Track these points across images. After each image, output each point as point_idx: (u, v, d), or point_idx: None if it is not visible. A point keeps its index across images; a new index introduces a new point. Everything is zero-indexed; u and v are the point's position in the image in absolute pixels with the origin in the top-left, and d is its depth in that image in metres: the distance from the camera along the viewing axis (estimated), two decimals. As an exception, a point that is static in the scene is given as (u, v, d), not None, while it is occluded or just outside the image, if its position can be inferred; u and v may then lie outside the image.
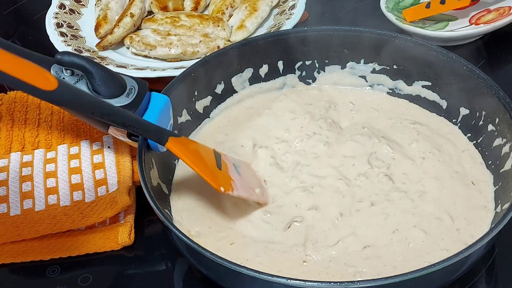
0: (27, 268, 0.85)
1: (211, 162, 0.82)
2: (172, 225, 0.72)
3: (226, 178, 0.82)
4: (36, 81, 0.65)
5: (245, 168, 0.88)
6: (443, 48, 0.92)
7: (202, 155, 0.81)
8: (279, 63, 1.00)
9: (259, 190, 0.85)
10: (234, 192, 0.81)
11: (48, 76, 0.66)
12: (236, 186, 0.82)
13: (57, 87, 0.66)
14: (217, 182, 0.79)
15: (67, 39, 1.14)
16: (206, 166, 0.80)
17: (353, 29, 0.97)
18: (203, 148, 0.84)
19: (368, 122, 0.95)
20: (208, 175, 0.79)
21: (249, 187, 0.84)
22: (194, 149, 0.81)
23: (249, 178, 0.86)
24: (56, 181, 0.92)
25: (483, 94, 0.87)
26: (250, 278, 0.68)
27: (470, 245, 0.69)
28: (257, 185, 0.87)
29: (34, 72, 0.65)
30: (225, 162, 0.84)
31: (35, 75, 0.65)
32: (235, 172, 0.84)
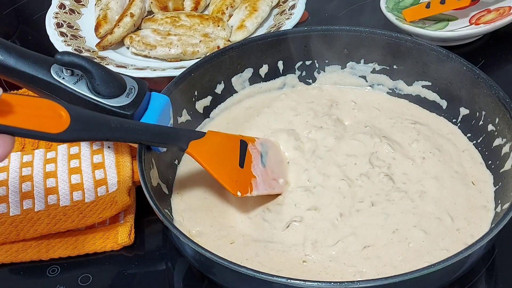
0: (27, 268, 0.85)
1: (233, 160, 0.82)
2: (172, 225, 0.72)
3: (246, 178, 0.83)
4: (47, 124, 0.64)
5: (274, 152, 0.88)
6: (443, 48, 0.92)
7: (224, 155, 0.82)
8: (279, 63, 1.00)
9: (282, 180, 0.86)
10: (253, 192, 0.82)
11: (60, 113, 0.65)
12: (257, 183, 0.83)
13: (69, 125, 0.66)
14: (234, 187, 0.81)
15: (67, 39, 1.14)
16: (224, 170, 0.81)
17: (353, 29, 0.97)
18: (228, 142, 0.84)
19: (370, 121, 0.95)
20: (226, 180, 0.80)
21: (272, 179, 0.85)
22: (215, 151, 0.81)
23: (274, 167, 0.87)
24: (56, 181, 0.92)
25: (483, 94, 0.87)
26: (250, 278, 0.68)
27: (470, 245, 0.69)
28: (282, 173, 0.87)
29: (45, 114, 0.64)
30: (251, 153, 0.85)
31: (47, 117, 0.64)
32: (260, 164, 0.85)
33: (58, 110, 0.66)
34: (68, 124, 0.66)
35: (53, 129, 0.65)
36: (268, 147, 0.89)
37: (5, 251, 0.85)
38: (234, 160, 0.83)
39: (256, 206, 0.84)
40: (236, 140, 0.85)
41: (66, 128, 0.66)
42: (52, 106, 0.65)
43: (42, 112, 0.64)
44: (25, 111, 0.62)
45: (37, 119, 0.63)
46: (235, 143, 0.84)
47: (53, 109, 0.65)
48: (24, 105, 0.62)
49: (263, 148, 0.88)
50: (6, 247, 0.86)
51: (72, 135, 0.67)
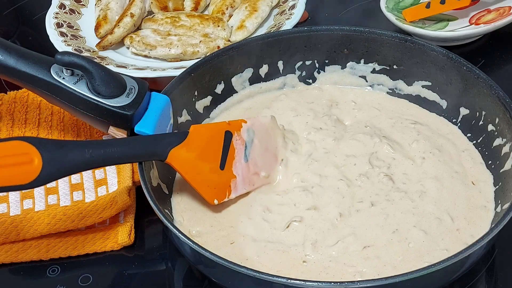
0: (27, 268, 0.85)
1: (214, 163, 0.82)
2: (172, 224, 0.72)
3: (226, 181, 0.83)
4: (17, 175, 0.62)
5: (260, 138, 0.88)
6: (443, 48, 0.92)
7: (205, 160, 0.81)
8: (279, 63, 1.00)
9: (264, 173, 0.86)
10: (232, 195, 0.83)
11: (32, 158, 0.64)
12: (236, 184, 0.83)
13: (40, 171, 0.64)
14: (212, 195, 0.82)
15: (67, 39, 1.14)
16: (204, 179, 0.81)
17: (353, 29, 0.97)
18: (211, 139, 0.83)
19: (370, 121, 0.95)
20: (204, 189, 0.82)
21: (253, 173, 0.86)
22: (195, 156, 0.81)
23: (257, 158, 0.87)
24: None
25: (483, 94, 0.87)
26: (250, 278, 0.68)
27: (470, 245, 0.69)
28: (265, 164, 0.87)
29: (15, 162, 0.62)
30: (235, 147, 0.84)
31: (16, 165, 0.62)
32: (242, 159, 0.85)
33: (30, 154, 0.64)
34: (40, 170, 0.64)
35: (23, 180, 0.64)
36: (255, 132, 0.88)
37: (5, 251, 0.85)
38: (215, 162, 0.83)
39: (256, 206, 0.84)
40: (221, 133, 0.84)
41: (37, 176, 0.64)
42: (23, 149, 0.63)
43: (12, 160, 0.62)
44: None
45: (6, 172, 0.61)
46: (219, 138, 0.84)
47: (23, 153, 0.63)
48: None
49: (248, 135, 0.87)
50: (6, 247, 0.86)
51: (45, 179, 0.66)
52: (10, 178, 0.62)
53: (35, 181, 0.65)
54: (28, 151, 0.64)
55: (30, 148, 0.64)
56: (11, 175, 0.62)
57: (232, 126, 0.85)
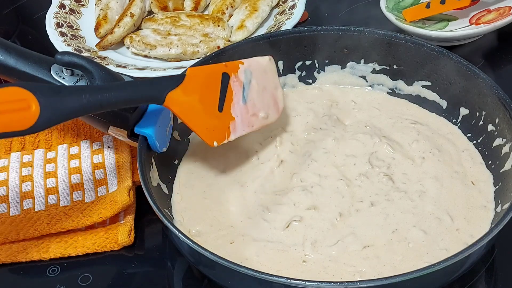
0: (27, 268, 0.85)
1: (212, 106, 0.82)
2: (172, 224, 0.72)
3: (225, 123, 0.84)
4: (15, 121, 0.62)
5: (258, 79, 0.88)
6: (443, 48, 0.92)
7: (203, 102, 0.81)
8: (279, 63, 1.00)
9: (263, 113, 0.87)
10: (231, 137, 0.84)
11: (30, 104, 0.63)
12: (235, 125, 0.84)
13: (38, 117, 0.64)
14: (211, 137, 0.82)
15: (67, 39, 1.14)
16: (202, 121, 0.81)
17: (353, 29, 0.97)
18: (208, 82, 0.82)
19: (370, 120, 0.95)
20: (203, 132, 0.81)
21: (252, 115, 0.86)
22: (193, 99, 0.80)
23: (256, 99, 0.87)
24: (56, 181, 0.92)
25: (483, 94, 0.87)
26: (250, 278, 0.68)
27: (470, 245, 0.69)
28: (263, 104, 0.88)
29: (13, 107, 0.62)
30: (232, 89, 0.84)
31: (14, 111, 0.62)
32: (240, 101, 0.85)
33: (27, 100, 0.63)
34: (37, 115, 0.64)
35: (21, 126, 0.63)
36: (252, 73, 0.88)
37: (5, 251, 0.85)
38: (213, 104, 0.82)
39: (256, 206, 0.84)
40: (218, 75, 0.83)
41: (36, 120, 0.64)
42: (19, 95, 0.63)
43: (10, 106, 0.62)
44: None
45: (3, 118, 0.61)
46: (216, 80, 0.83)
47: (21, 99, 0.63)
48: None
49: (246, 77, 0.87)
50: (6, 247, 0.86)
51: (43, 125, 0.65)
52: (7, 124, 0.62)
53: (33, 127, 0.64)
54: (25, 97, 0.63)
55: (27, 94, 0.63)
56: (8, 121, 0.62)
57: (229, 68, 0.85)
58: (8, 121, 0.62)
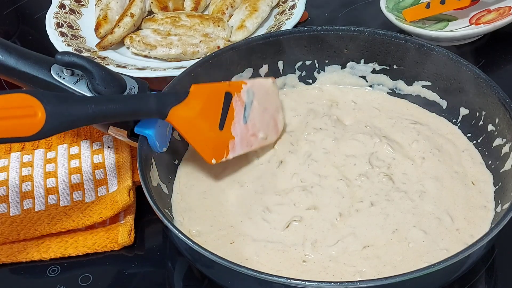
0: (27, 268, 0.85)
1: (213, 123, 0.83)
2: (172, 224, 0.72)
3: (224, 141, 0.85)
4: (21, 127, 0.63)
5: (260, 99, 0.89)
6: (443, 48, 0.92)
7: (204, 119, 0.82)
8: (279, 63, 1.00)
9: (262, 134, 0.88)
10: (230, 155, 0.85)
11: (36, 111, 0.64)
12: (234, 145, 0.85)
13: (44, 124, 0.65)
14: (210, 155, 0.84)
15: (67, 39, 1.14)
16: (202, 138, 0.83)
17: (353, 29, 0.97)
18: (211, 99, 0.84)
19: (370, 120, 0.95)
20: (203, 148, 0.83)
21: (251, 135, 0.87)
22: (195, 115, 0.81)
23: (256, 119, 0.88)
24: (56, 181, 0.92)
25: (483, 94, 0.87)
26: (250, 278, 0.68)
27: (470, 245, 0.69)
28: (263, 125, 0.89)
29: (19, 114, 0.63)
30: (234, 108, 0.85)
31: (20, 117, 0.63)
32: (241, 120, 0.86)
33: (34, 107, 0.64)
34: (43, 122, 0.65)
35: (27, 131, 0.64)
36: (255, 93, 0.89)
37: (5, 251, 0.85)
38: (214, 122, 0.84)
39: (256, 206, 0.84)
40: (221, 94, 0.85)
41: (41, 127, 0.65)
42: (26, 102, 0.64)
43: (15, 113, 0.63)
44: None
45: (9, 124, 0.62)
46: (219, 98, 0.84)
47: (27, 106, 0.64)
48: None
49: (248, 97, 0.88)
50: (6, 247, 0.86)
51: (48, 132, 0.66)
52: (13, 130, 0.63)
53: (38, 133, 0.65)
54: (31, 104, 0.64)
55: (33, 101, 0.64)
56: (14, 126, 0.63)
57: (232, 87, 0.86)
58: (14, 127, 0.63)
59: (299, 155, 0.91)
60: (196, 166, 0.90)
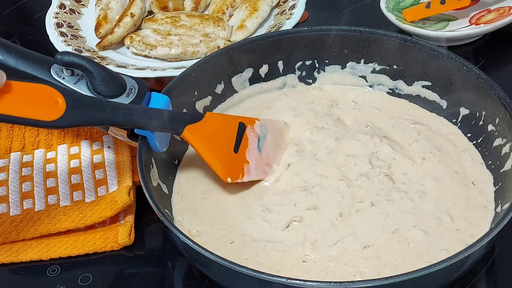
0: (27, 268, 0.85)
1: (228, 145, 0.85)
2: (172, 224, 0.72)
3: (239, 163, 0.85)
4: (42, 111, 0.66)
5: (273, 135, 0.90)
6: (443, 48, 0.92)
7: (219, 140, 0.84)
8: (279, 63, 1.00)
9: (277, 165, 0.89)
10: (245, 178, 0.85)
11: (57, 99, 0.67)
12: (249, 169, 0.86)
13: (64, 112, 0.68)
14: (225, 173, 0.84)
15: (67, 39, 1.14)
16: (217, 156, 0.83)
17: (353, 29, 0.97)
18: (226, 125, 0.86)
19: (371, 120, 0.95)
20: (218, 166, 0.83)
21: (266, 164, 0.88)
22: (210, 135, 0.83)
23: (270, 151, 0.89)
24: (56, 181, 0.92)
25: (483, 94, 0.87)
26: (250, 278, 0.68)
27: (470, 245, 0.69)
28: (276, 158, 0.90)
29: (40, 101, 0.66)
30: (248, 137, 0.87)
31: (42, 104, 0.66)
32: (255, 149, 0.87)
33: (54, 97, 0.67)
34: (63, 111, 0.67)
35: (47, 117, 0.67)
36: (268, 129, 0.90)
37: (5, 251, 0.85)
38: (229, 145, 0.85)
39: (256, 206, 0.84)
40: (235, 123, 0.87)
41: (61, 115, 0.67)
42: (48, 92, 0.67)
43: (37, 100, 0.65)
44: (20, 99, 0.64)
45: (32, 107, 0.65)
46: (233, 126, 0.86)
47: (49, 96, 0.67)
48: (19, 93, 0.64)
49: (261, 131, 0.89)
50: (6, 247, 0.86)
51: (67, 122, 0.68)
52: (35, 113, 0.66)
53: (59, 120, 0.67)
54: (52, 94, 0.67)
55: (54, 92, 0.67)
56: (36, 110, 0.66)
57: (245, 120, 0.88)
58: (36, 110, 0.66)
59: (305, 154, 0.90)
60: (196, 166, 0.90)
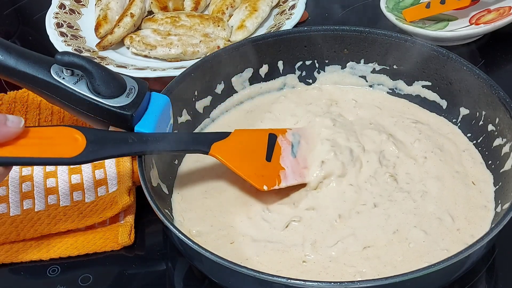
0: (27, 268, 0.85)
1: (259, 155, 0.84)
2: (172, 224, 0.72)
3: (274, 171, 0.84)
4: (62, 150, 0.69)
5: (306, 140, 0.89)
6: (443, 48, 0.92)
7: (248, 152, 0.84)
8: (279, 63, 1.00)
9: None
10: (282, 184, 0.84)
11: (76, 137, 0.69)
12: (286, 175, 0.84)
13: (84, 148, 0.70)
14: (260, 181, 0.82)
15: (67, 39, 1.14)
16: (249, 167, 0.83)
17: (353, 29, 0.97)
18: (254, 138, 0.86)
19: (374, 118, 0.95)
20: (251, 175, 0.82)
21: (303, 167, 0.86)
22: (239, 148, 0.83)
23: (305, 156, 0.88)
24: (56, 181, 0.92)
25: (483, 94, 0.87)
26: (250, 278, 0.68)
27: (470, 245, 0.69)
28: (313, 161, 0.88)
29: (60, 141, 0.68)
30: (280, 145, 0.86)
31: (61, 143, 0.68)
32: (290, 155, 0.86)
33: (73, 134, 0.69)
34: (84, 147, 0.69)
35: (68, 154, 0.69)
36: (301, 136, 0.89)
37: (5, 251, 0.85)
38: (261, 155, 0.85)
39: (256, 206, 0.84)
40: (264, 135, 0.86)
41: (81, 151, 0.69)
42: (67, 131, 0.69)
43: (57, 140, 0.68)
44: (40, 141, 0.66)
45: (52, 147, 0.67)
46: (262, 138, 0.86)
47: (68, 135, 0.69)
48: (39, 136, 0.66)
49: (294, 138, 0.88)
50: (6, 247, 0.86)
51: (88, 156, 0.70)
52: (55, 152, 0.68)
53: (80, 155, 0.69)
54: (71, 132, 0.70)
55: (73, 131, 0.70)
56: (56, 149, 0.68)
57: (275, 131, 0.88)
58: (56, 149, 0.68)
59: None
60: (196, 166, 0.90)
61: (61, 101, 0.82)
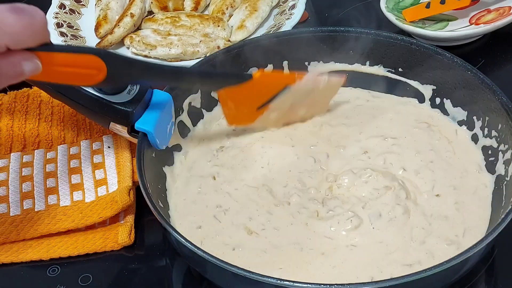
0: (27, 268, 0.85)
1: (255, 104, 0.89)
2: (170, 226, 0.72)
3: (254, 117, 0.90)
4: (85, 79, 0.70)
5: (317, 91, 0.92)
6: (449, 52, 0.91)
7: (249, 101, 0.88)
8: (284, 63, 0.99)
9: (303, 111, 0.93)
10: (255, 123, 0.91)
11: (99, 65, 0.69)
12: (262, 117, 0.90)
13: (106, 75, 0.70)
14: (233, 120, 0.91)
15: (67, 39, 1.14)
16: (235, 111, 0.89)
17: (358, 30, 0.96)
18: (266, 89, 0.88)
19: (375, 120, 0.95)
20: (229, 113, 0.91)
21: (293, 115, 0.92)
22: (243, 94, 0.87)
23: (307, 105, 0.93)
24: (56, 181, 0.92)
25: (487, 100, 0.86)
26: (250, 280, 0.67)
27: (470, 247, 0.69)
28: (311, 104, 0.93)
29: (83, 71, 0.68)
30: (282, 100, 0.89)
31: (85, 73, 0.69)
32: None
33: (98, 64, 0.69)
34: (104, 76, 0.69)
35: (90, 82, 0.71)
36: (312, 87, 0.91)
37: (5, 251, 0.85)
38: (257, 103, 0.89)
39: (256, 206, 0.84)
40: (280, 86, 0.88)
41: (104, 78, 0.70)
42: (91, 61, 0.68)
43: (81, 70, 0.68)
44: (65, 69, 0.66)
45: (75, 76, 0.68)
46: (275, 89, 0.88)
47: (92, 64, 0.68)
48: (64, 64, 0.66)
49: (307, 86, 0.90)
50: (6, 247, 0.86)
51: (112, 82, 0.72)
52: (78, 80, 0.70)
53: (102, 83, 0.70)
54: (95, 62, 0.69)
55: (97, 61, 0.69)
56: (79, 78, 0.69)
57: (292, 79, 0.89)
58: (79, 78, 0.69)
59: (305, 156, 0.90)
60: (196, 166, 0.90)
61: (63, 96, 0.82)
